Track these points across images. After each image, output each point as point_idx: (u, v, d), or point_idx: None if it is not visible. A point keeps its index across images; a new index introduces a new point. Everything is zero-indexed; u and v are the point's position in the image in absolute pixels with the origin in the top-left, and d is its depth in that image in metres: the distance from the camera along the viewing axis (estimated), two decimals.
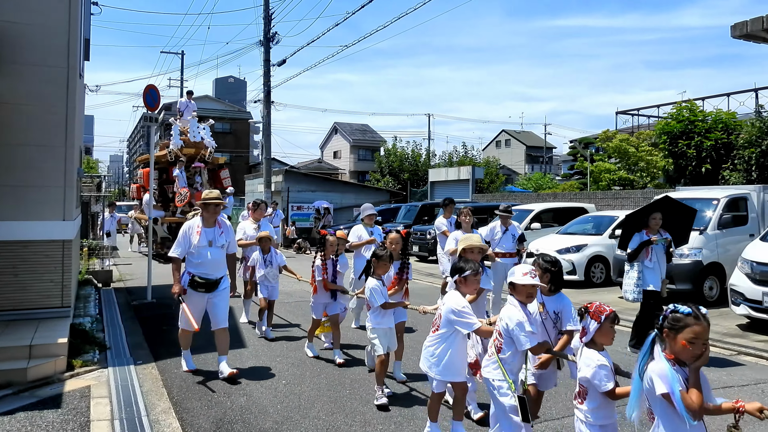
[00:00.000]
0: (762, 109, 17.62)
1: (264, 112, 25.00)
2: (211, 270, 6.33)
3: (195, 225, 6.36)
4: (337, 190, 30.71)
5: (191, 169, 18.86)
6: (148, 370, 6.52)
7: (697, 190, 12.83)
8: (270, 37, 24.27)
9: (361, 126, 65.10)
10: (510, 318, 3.86)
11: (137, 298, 11.29)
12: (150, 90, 11.59)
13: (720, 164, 17.19)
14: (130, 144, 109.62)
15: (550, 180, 41.07)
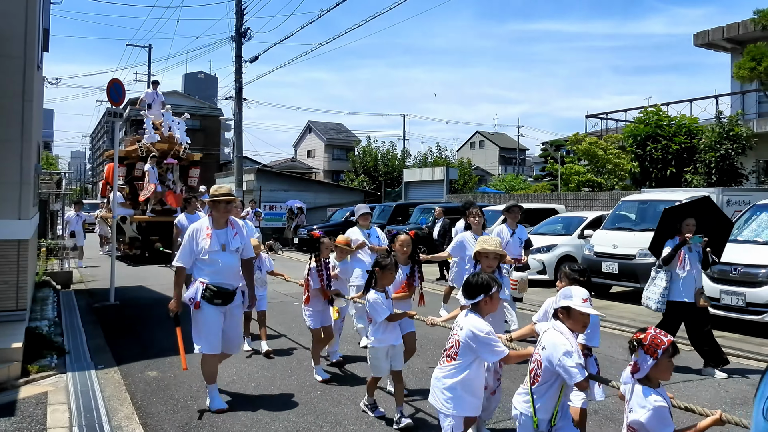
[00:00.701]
0: (721, 115, 18.22)
1: (236, 109, 24.78)
2: (227, 278, 5.45)
3: (203, 227, 5.47)
4: (311, 189, 30.58)
5: (163, 165, 18.19)
6: (110, 375, 6.37)
7: (661, 193, 13.25)
8: (242, 32, 24.04)
9: (336, 125, 64.99)
10: (556, 346, 3.34)
11: (99, 300, 10.98)
12: (114, 84, 11.24)
13: (683, 167, 17.66)
14: (94, 140, 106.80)
15: (522, 181, 41.51)
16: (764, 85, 15.16)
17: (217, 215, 5.50)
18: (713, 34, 20.68)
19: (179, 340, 5.56)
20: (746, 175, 17.11)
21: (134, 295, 11.74)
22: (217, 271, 5.39)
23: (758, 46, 14.52)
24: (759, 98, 19.70)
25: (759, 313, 8.16)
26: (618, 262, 11.44)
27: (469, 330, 3.68)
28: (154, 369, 6.66)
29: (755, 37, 17.51)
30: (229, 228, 5.54)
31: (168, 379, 6.31)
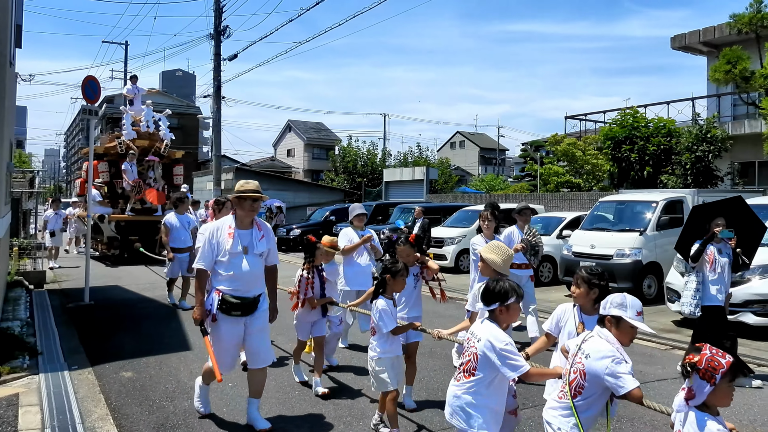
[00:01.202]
0: (698, 117, 18.66)
1: (214, 107, 24.60)
2: (248, 285, 4.86)
3: (225, 226, 4.94)
4: (291, 188, 30.51)
5: (144, 163, 17.60)
6: (84, 376, 6.27)
7: (638, 193, 13.46)
8: (221, 30, 23.86)
9: (316, 124, 64.85)
10: (604, 354, 3.04)
11: (73, 300, 10.78)
12: (89, 81, 11.07)
13: (660, 168, 17.89)
14: (68, 138, 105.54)
15: (502, 181, 41.70)
16: (739, 88, 15.37)
17: (241, 214, 4.93)
18: (690, 37, 21.04)
19: (209, 351, 4.83)
20: (721, 177, 17.39)
21: (109, 295, 11.57)
22: (236, 277, 4.82)
23: (734, 49, 14.75)
24: (734, 101, 20.08)
25: (733, 313, 8.23)
26: (596, 262, 11.48)
27: (486, 340, 3.37)
28: (129, 370, 6.58)
29: (731, 41, 17.80)
30: (254, 229, 4.97)
31: (143, 379, 6.23)
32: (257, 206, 4.96)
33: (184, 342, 7.91)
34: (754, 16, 15.22)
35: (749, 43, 16.15)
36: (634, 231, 11.44)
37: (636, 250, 11.15)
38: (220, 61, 24.09)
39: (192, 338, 8.10)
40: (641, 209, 11.89)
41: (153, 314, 9.86)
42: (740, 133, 18.58)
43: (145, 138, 17.86)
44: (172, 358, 7.01)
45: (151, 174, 17.68)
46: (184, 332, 8.49)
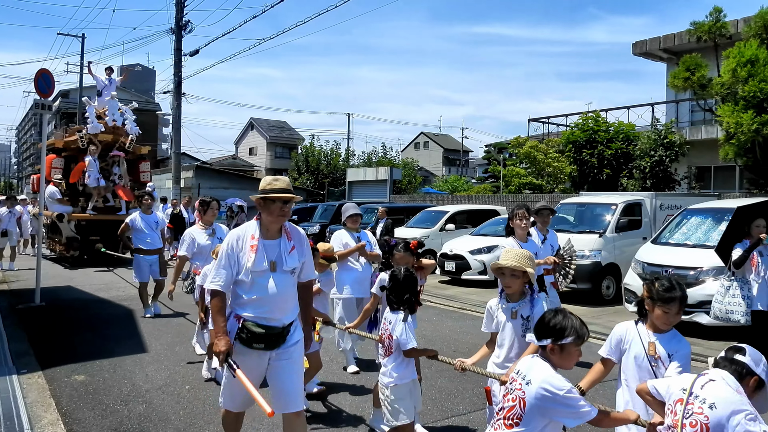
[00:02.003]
0: (657, 122, 19.01)
1: (174, 104, 24.22)
2: (276, 311, 3.80)
3: (246, 236, 3.86)
4: (252, 187, 30.06)
5: (108, 158, 16.58)
6: (33, 380, 6.06)
7: (598, 196, 13.72)
8: (182, 25, 23.50)
9: (279, 123, 64.36)
10: (734, 406, 2.47)
11: (23, 301, 10.42)
12: (43, 74, 10.74)
13: (620, 172, 18.27)
14: (20, 133, 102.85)
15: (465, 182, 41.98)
16: (697, 94, 15.74)
17: (268, 220, 3.85)
18: (651, 44, 21.58)
19: (247, 387, 3.59)
20: (679, 181, 17.84)
21: (62, 296, 11.26)
22: (262, 301, 3.77)
23: (693, 56, 15.03)
24: (692, 107, 20.60)
25: (687, 313, 8.43)
26: None
27: (540, 387, 2.73)
28: (82, 373, 6.39)
29: (690, 48, 18.19)
30: (283, 239, 3.89)
31: (96, 383, 6.06)
32: (288, 210, 3.85)
33: (140, 344, 7.72)
34: (713, 25, 15.54)
35: (707, 51, 16.51)
36: (594, 233, 11.59)
37: (595, 251, 11.30)
38: (181, 56, 23.74)
39: (148, 340, 7.94)
40: (601, 211, 12.09)
41: (107, 315, 9.60)
42: (697, 138, 19.07)
43: (110, 132, 16.81)
44: (127, 361, 6.85)
45: (116, 170, 16.70)
46: (140, 334, 8.30)
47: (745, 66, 13.15)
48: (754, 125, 12.79)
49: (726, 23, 15.74)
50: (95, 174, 16.12)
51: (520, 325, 3.78)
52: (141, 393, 5.74)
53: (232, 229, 4.42)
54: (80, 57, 38.92)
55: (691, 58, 14.88)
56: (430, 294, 11.93)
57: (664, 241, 9.99)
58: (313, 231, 20.40)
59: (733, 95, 13.79)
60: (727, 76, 13.58)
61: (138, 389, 5.86)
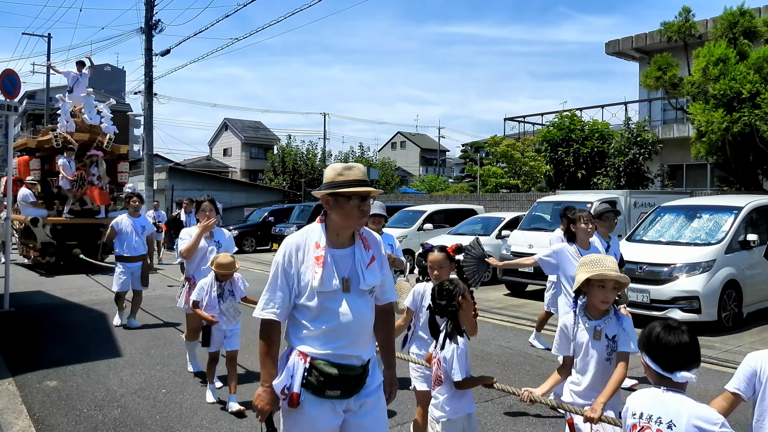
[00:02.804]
0: (630, 121, 19.23)
1: (145, 104, 23.95)
2: (352, 345, 2.82)
3: (309, 244, 2.86)
4: (227, 189, 29.99)
5: (85, 159, 15.56)
6: (4, 387, 5.96)
7: (573, 194, 13.85)
8: (153, 24, 23.27)
9: (254, 123, 63.96)
10: None
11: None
12: (8, 75, 10.59)
13: (594, 170, 18.44)
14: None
15: (443, 182, 42.16)
16: (669, 93, 15.90)
17: (342, 223, 2.84)
18: (623, 43, 21.86)
19: None
20: (652, 179, 18.07)
21: (32, 301, 11.04)
22: (334, 332, 2.78)
23: (664, 56, 15.17)
24: (664, 106, 20.90)
25: (662, 309, 8.57)
26: None
27: (691, 426, 2.26)
28: (54, 378, 6.27)
29: (661, 48, 18.46)
30: (358, 247, 2.89)
31: (69, 388, 5.95)
32: (368, 208, 2.86)
33: (113, 348, 7.59)
34: (682, 25, 15.70)
35: (678, 51, 16.72)
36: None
37: None
38: (152, 56, 23.52)
39: (122, 344, 7.82)
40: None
41: (79, 320, 9.42)
42: (669, 136, 19.39)
43: (86, 131, 15.76)
44: (101, 366, 6.74)
45: (94, 171, 15.59)
46: (114, 338, 8.17)
47: (716, 65, 13.31)
48: (724, 124, 12.95)
49: (695, 23, 15.95)
50: (70, 173, 15.12)
51: (605, 347, 3.30)
52: (116, 398, 5.65)
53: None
54: (47, 57, 38.32)
55: (662, 58, 15.03)
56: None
57: (638, 238, 10.08)
58: (290, 232, 20.28)
59: (703, 94, 13.94)
60: (697, 75, 13.72)
61: (113, 394, 5.77)
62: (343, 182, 2.81)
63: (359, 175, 2.84)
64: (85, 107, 15.99)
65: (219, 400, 5.56)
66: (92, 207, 15.70)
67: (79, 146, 15.46)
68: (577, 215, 5.65)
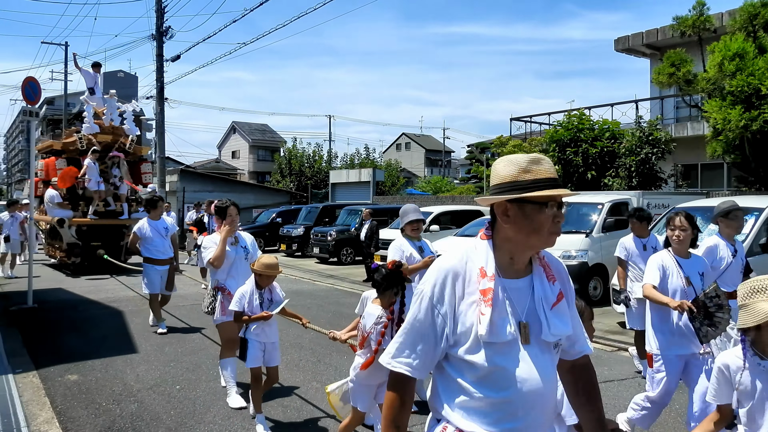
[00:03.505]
0: (641, 119, 18.67)
1: (157, 109, 24.13)
2: (536, 425, 1.94)
3: (471, 271, 1.97)
4: (236, 190, 30.10)
5: (107, 160, 15.56)
6: (28, 379, 6.11)
7: (583, 195, 13.51)
8: (163, 31, 23.48)
9: (261, 126, 64.24)
10: None
11: (16, 303, 10.51)
12: (30, 82, 10.79)
13: (604, 171, 18.15)
14: (8, 139, 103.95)
15: (448, 183, 42.13)
16: (683, 90, 15.31)
17: (523, 240, 1.98)
18: (633, 39, 21.20)
19: None
20: (665, 179, 17.51)
21: (53, 298, 11.31)
22: (510, 407, 1.91)
23: (677, 52, 14.68)
24: (677, 103, 20.16)
25: None
26: None
27: None
28: (75, 373, 6.40)
29: (673, 43, 18.01)
30: (538, 275, 2.04)
31: (89, 383, 6.06)
32: (561, 218, 1.97)
33: (130, 344, 7.70)
34: (697, 19, 15.21)
35: (692, 46, 16.25)
36: (580, 233, 11.47)
37: (582, 251, 11.17)
38: (163, 62, 23.70)
39: (137, 341, 7.93)
40: (587, 211, 11.96)
41: (97, 316, 9.63)
42: (683, 135, 18.79)
43: (108, 132, 15.83)
44: (118, 361, 6.84)
45: (116, 172, 15.69)
46: (130, 334, 8.30)
47: (733, 60, 12.75)
48: (742, 121, 12.41)
49: (710, 17, 15.39)
50: (96, 177, 15.16)
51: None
52: (132, 392, 5.74)
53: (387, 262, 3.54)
54: (64, 65, 39.29)
55: (675, 54, 14.55)
56: None
57: None
58: (298, 233, 20.40)
59: (719, 90, 13.36)
60: (713, 71, 13.16)
61: (130, 389, 5.85)
62: (533, 182, 1.91)
63: (551, 172, 1.94)
64: (108, 109, 16.10)
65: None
66: (115, 208, 15.79)
67: (102, 148, 15.51)
68: (670, 220, 4.59)
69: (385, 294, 4.01)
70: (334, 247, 18.34)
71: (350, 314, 9.73)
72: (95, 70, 16.36)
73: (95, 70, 16.36)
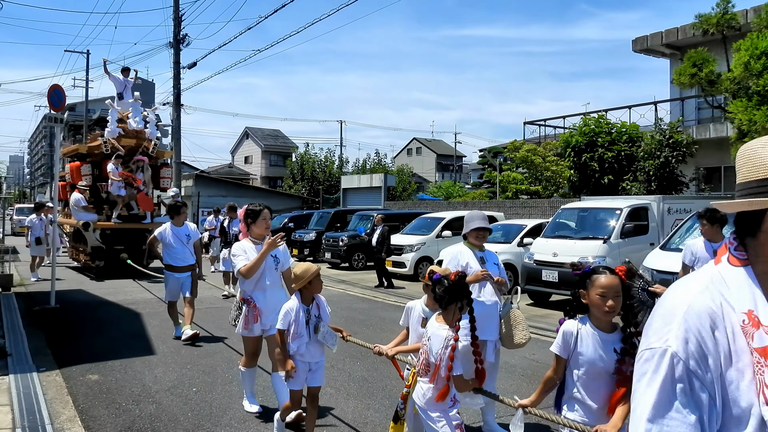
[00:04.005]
0: (661, 122, 18.18)
1: (174, 115, 24.39)
2: None
3: (726, 313, 1.27)
4: (249, 195, 30.30)
5: (132, 164, 15.50)
6: (51, 378, 6.22)
7: (601, 200, 13.21)
8: (180, 38, 23.81)
9: (273, 131, 64.47)
10: None
11: (39, 303, 10.80)
12: (55, 90, 11.12)
13: (622, 175, 17.80)
14: (32, 144, 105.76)
15: (460, 188, 42.05)
16: (705, 91, 14.73)
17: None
18: (652, 39, 20.60)
19: None
20: (686, 183, 17.13)
21: (74, 299, 11.59)
22: None
23: (699, 51, 14.21)
24: (699, 104, 19.67)
25: None
26: (559, 271, 11.12)
27: None
28: (95, 373, 6.49)
29: (696, 42, 17.52)
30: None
31: (109, 383, 6.13)
32: None
33: (148, 346, 7.77)
34: (720, 17, 14.77)
35: (715, 45, 15.80)
36: (598, 239, 11.24)
37: (600, 258, 10.85)
38: (180, 69, 24.03)
39: (155, 342, 7.99)
40: (605, 216, 11.72)
41: (116, 318, 9.79)
42: (705, 137, 18.25)
43: (132, 136, 15.72)
44: (137, 362, 6.90)
45: (140, 176, 15.57)
46: (147, 336, 8.37)
47: (760, 58, 12.26)
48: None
49: (735, 14, 14.90)
50: (118, 182, 15.12)
51: None
52: (151, 393, 5.78)
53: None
54: (86, 72, 40.65)
55: (697, 53, 14.13)
56: None
57: (674, 246, 9.40)
58: (310, 238, 20.42)
59: (745, 90, 12.95)
60: (738, 71, 12.66)
61: (148, 390, 5.90)
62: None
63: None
64: (133, 113, 16.03)
65: None
66: (138, 212, 15.72)
67: (126, 151, 15.47)
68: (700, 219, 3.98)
69: (448, 309, 3.48)
70: (345, 252, 18.33)
71: (362, 319, 9.97)
72: (125, 75, 16.43)
73: (125, 75, 16.43)
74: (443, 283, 3.48)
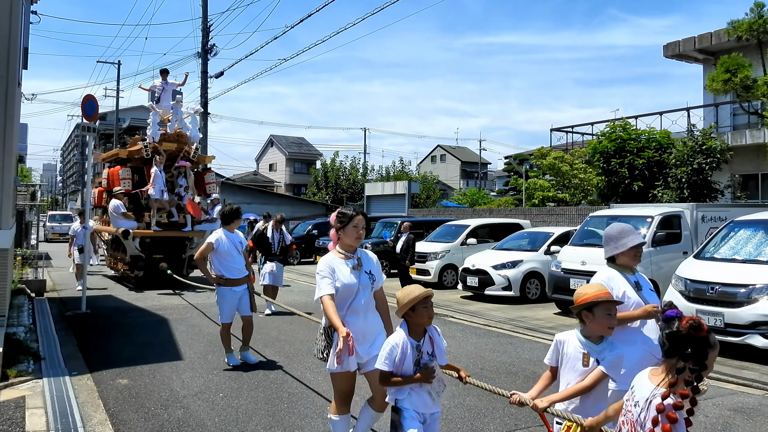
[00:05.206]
0: (694, 128, 17.77)
1: (201, 123, 24.63)
2: None
3: None
4: (273, 202, 30.51)
5: (173, 169, 14.84)
6: (83, 381, 6.32)
7: (631, 208, 12.94)
8: (208, 48, 24.16)
9: (297, 139, 64.87)
10: None
11: (71, 308, 11.06)
12: (89, 100, 11.37)
13: (652, 182, 17.47)
14: (64, 153, 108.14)
15: (485, 195, 41.83)
16: (740, 96, 14.46)
17: None
18: (684, 45, 20.38)
19: None
20: (721, 190, 16.64)
21: (104, 304, 11.78)
22: None
23: (733, 57, 13.96)
24: (734, 110, 19.33)
25: (739, 335, 7.68)
26: (587, 280, 10.88)
27: None
28: (125, 377, 6.56)
29: (729, 48, 17.23)
30: None
31: (138, 387, 6.18)
32: None
33: (175, 352, 7.81)
34: (754, 22, 14.46)
35: (749, 50, 15.54)
36: None
37: None
38: (207, 78, 24.34)
39: (182, 348, 8.03)
40: (635, 224, 11.24)
41: (144, 323, 9.90)
42: (741, 143, 17.81)
43: (173, 140, 14.91)
44: (165, 368, 6.94)
45: (182, 182, 14.87)
46: (175, 342, 8.42)
47: None
48: None
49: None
50: (160, 186, 14.36)
51: None
52: (179, 398, 5.80)
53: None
54: (117, 82, 41.30)
55: (731, 59, 13.86)
56: (453, 310, 11.75)
57: (708, 255, 9.06)
58: None
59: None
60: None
61: (176, 395, 5.92)
62: None
63: None
64: (174, 115, 15.39)
65: None
66: (178, 220, 14.83)
67: (167, 156, 14.80)
68: None
69: (669, 362, 2.37)
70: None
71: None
72: (163, 78, 15.79)
73: (163, 78, 15.79)
74: (673, 327, 2.38)
